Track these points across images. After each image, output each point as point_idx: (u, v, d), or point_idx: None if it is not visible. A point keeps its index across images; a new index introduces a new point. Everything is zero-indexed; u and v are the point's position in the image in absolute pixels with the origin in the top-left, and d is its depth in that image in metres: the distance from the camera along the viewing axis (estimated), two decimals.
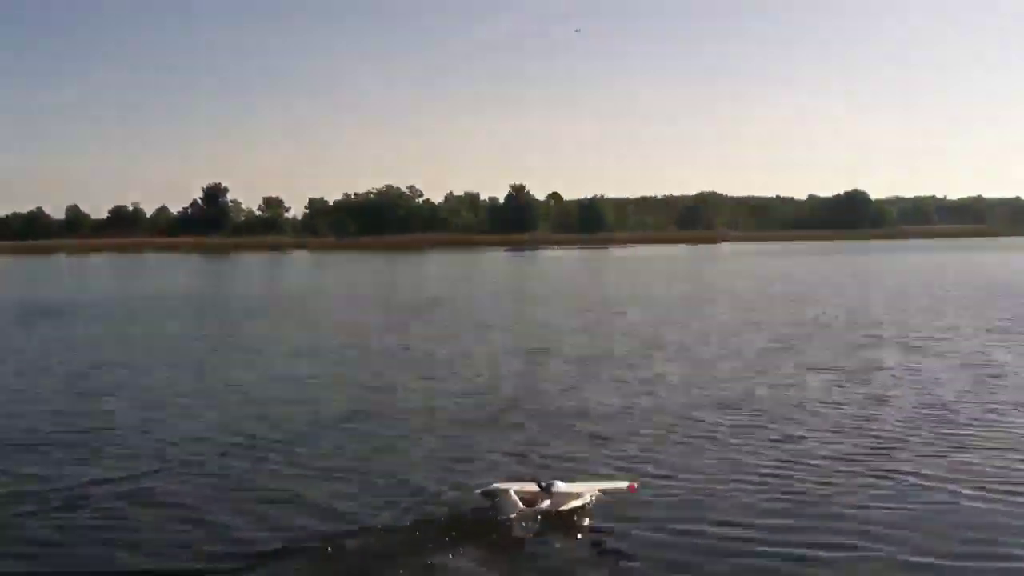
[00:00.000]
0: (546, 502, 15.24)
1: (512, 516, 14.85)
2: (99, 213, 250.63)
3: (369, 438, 20.44)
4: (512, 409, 23.36)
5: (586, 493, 15.64)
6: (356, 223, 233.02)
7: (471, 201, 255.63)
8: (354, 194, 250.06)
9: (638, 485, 15.95)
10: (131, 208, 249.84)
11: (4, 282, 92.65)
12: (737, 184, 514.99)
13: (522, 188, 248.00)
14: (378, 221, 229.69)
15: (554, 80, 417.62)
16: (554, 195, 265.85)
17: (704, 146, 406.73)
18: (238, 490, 16.71)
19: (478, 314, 49.96)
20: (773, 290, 65.00)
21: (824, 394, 24.83)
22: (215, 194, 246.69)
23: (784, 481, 16.73)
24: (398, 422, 22.00)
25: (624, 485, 15.98)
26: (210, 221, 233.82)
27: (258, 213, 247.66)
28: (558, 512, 15.15)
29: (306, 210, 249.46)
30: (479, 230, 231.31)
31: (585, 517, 15.12)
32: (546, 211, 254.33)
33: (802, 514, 15.00)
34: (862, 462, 17.88)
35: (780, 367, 29.90)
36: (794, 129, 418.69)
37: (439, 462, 18.29)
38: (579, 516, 15.13)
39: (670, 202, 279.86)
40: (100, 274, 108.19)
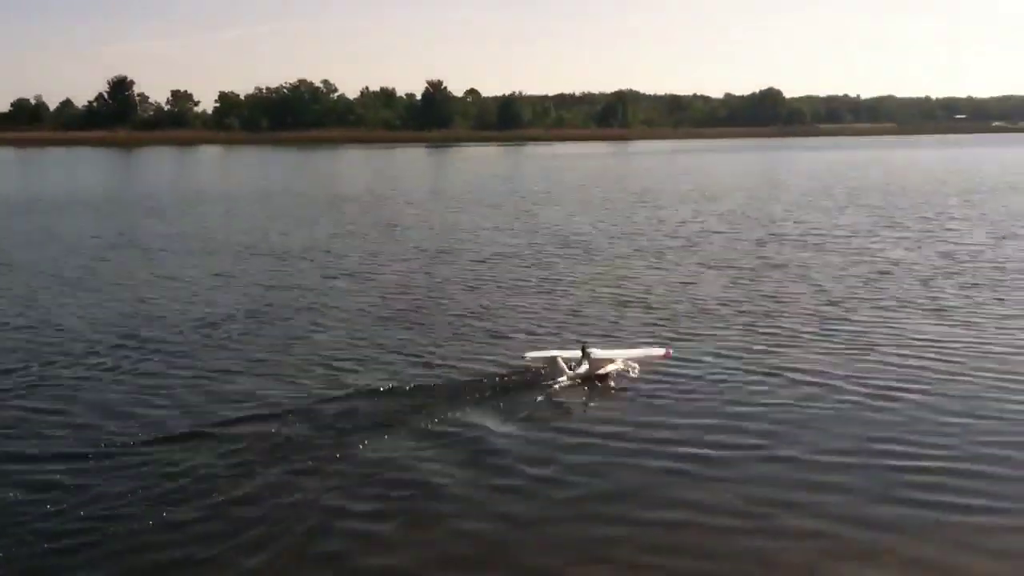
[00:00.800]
0: (585, 367, 16.99)
1: (560, 379, 16.71)
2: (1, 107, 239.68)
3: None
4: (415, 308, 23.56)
5: (621, 359, 17.51)
6: (268, 118, 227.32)
7: (387, 97, 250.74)
8: (266, 88, 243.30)
9: (673, 351, 18.10)
10: (33, 102, 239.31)
11: None
12: (654, 82, 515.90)
13: (439, 84, 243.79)
14: (291, 117, 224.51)
15: None
16: (472, 92, 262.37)
17: (623, 43, 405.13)
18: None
19: (385, 213, 49.57)
20: (682, 188, 65.56)
21: (721, 291, 25.44)
22: (121, 87, 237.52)
23: (679, 380, 17.24)
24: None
25: (660, 352, 18.04)
26: (116, 115, 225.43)
27: (166, 107, 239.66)
28: (598, 375, 17.11)
29: (216, 104, 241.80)
30: (395, 127, 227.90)
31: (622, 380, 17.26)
32: (464, 108, 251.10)
33: (704, 412, 15.46)
34: (756, 360, 18.38)
35: (680, 264, 30.54)
36: (712, 27, 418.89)
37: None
38: (617, 380, 17.25)
39: (588, 99, 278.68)
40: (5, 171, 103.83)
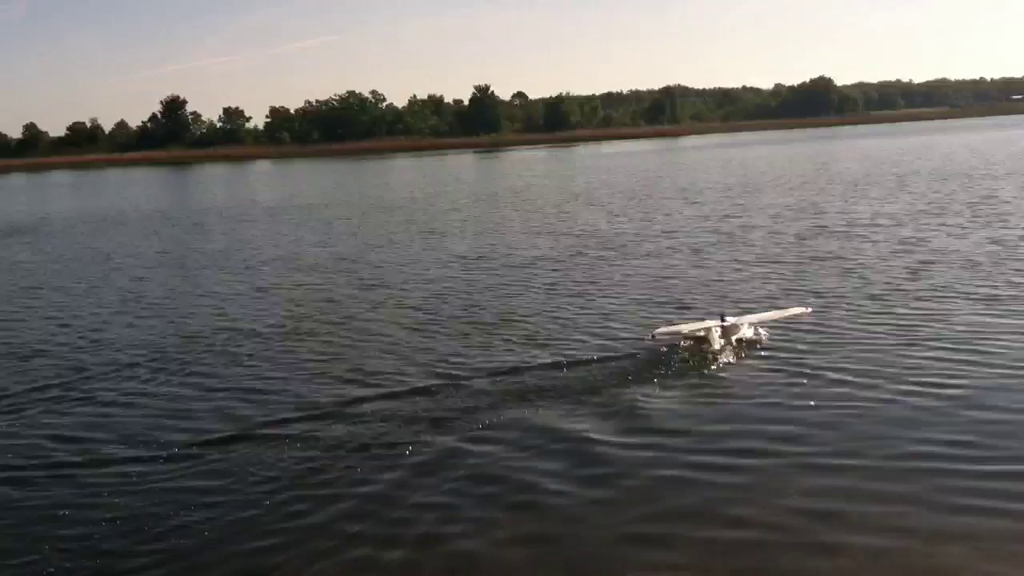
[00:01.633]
0: (719, 332, 17.98)
1: (706, 347, 17.82)
2: (58, 131, 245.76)
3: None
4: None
5: (758, 323, 18.68)
6: (319, 131, 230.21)
7: (435, 104, 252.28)
8: (316, 101, 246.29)
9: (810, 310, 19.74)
10: (88, 125, 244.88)
11: None
12: (703, 76, 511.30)
13: (486, 89, 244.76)
14: (341, 128, 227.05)
15: None
16: (519, 95, 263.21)
17: (669, 39, 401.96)
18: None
19: (433, 219, 49.71)
20: (728, 182, 64.92)
21: (756, 285, 25.08)
22: (174, 107, 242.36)
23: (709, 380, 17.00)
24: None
25: (802, 310, 19.53)
26: (170, 135, 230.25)
27: (219, 124, 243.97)
28: (738, 340, 18.04)
29: (267, 119, 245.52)
30: (444, 134, 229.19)
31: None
32: (511, 112, 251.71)
33: (726, 418, 14.95)
34: (783, 359, 17.84)
35: (715, 258, 30.24)
36: (761, 18, 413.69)
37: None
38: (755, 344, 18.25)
39: (636, 97, 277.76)
40: (58, 193, 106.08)
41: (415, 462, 13.08)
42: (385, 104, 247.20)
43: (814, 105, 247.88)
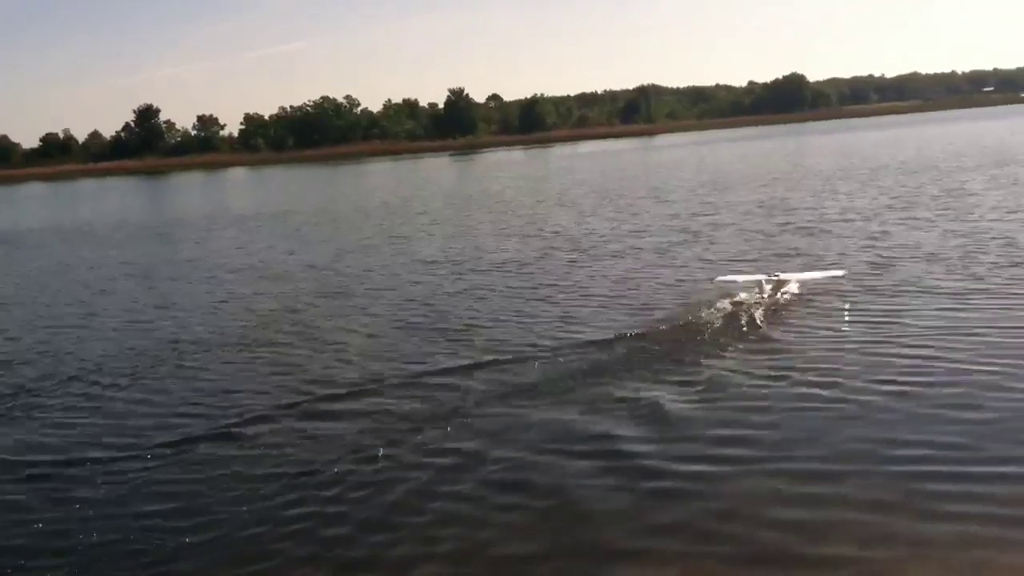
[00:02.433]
0: (770, 287, 21.03)
1: (758, 294, 20.85)
2: (31, 142, 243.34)
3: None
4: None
5: (800, 281, 21.60)
6: (294, 137, 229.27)
7: (410, 108, 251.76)
8: (290, 107, 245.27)
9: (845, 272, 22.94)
10: (61, 136, 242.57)
11: None
12: (677, 75, 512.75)
13: (461, 91, 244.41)
14: (317, 134, 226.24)
15: None
16: (494, 97, 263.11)
17: (643, 38, 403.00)
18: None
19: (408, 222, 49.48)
20: (701, 179, 64.99)
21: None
22: (148, 115, 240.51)
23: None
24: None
25: (839, 272, 22.68)
26: (144, 144, 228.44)
27: (193, 132, 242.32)
28: (782, 293, 20.99)
29: (242, 126, 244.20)
30: (420, 137, 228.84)
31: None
32: (487, 114, 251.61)
33: (680, 422, 15.00)
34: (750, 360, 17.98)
35: (681, 257, 30.15)
36: (733, 16, 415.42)
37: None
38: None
39: (611, 97, 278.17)
40: (31, 205, 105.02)
41: (372, 468, 12.97)
42: (360, 109, 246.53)
43: (787, 101, 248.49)
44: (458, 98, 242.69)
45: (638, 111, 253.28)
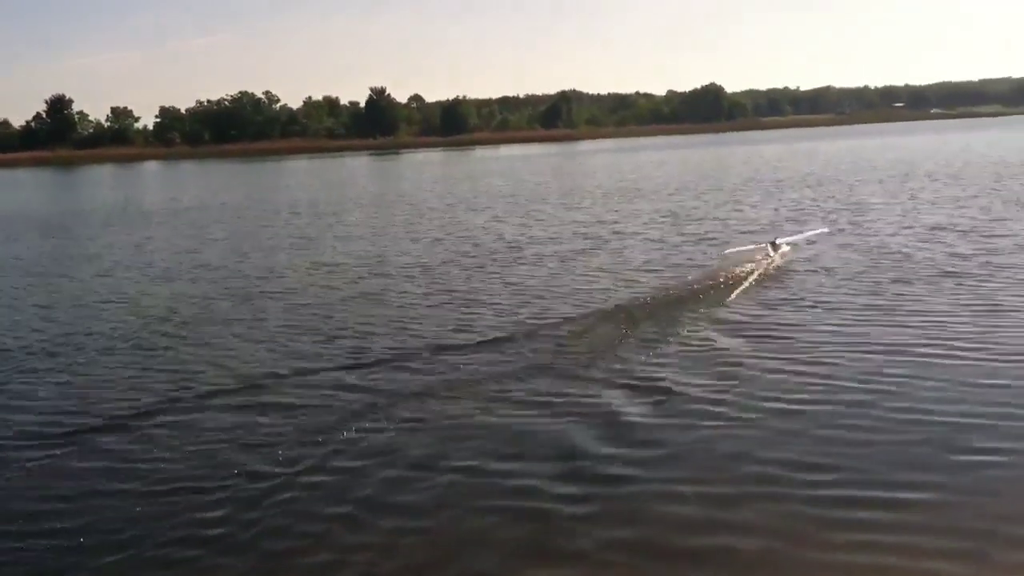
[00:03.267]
0: (771, 250, 26.07)
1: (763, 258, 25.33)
2: None
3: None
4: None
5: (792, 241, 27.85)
6: (210, 131, 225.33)
7: (331, 106, 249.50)
8: (207, 101, 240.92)
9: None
10: None
11: None
12: (598, 82, 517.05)
13: (382, 91, 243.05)
14: (234, 129, 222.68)
15: None
16: (416, 97, 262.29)
17: (566, 45, 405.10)
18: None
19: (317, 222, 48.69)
20: (617, 186, 65.40)
21: (608, 287, 24.93)
22: (60, 106, 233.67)
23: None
24: None
25: (825, 229, 30.31)
26: (55, 134, 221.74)
27: (106, 124, 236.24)
28: (782, 255, 26.18)
29: (157, 119, 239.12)
30: (340, 135, 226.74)
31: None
32: (408, 114, 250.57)
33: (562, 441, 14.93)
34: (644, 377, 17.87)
35: (580, 263, 30.11)
36: (654, 25, 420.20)
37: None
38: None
39: (533, 101, 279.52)
40: None
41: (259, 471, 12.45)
42: (279, 105, 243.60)
43: (706, 111, 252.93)
44: (379, 97, 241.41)
45: (559, 116, 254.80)
